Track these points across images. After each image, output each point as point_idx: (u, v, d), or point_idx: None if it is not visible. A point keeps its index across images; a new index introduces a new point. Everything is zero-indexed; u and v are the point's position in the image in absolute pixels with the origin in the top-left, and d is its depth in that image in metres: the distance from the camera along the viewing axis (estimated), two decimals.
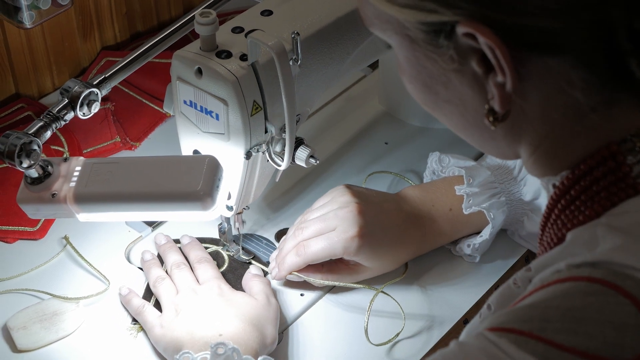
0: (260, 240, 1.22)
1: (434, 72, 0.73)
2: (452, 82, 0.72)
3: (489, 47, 0.67)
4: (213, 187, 0.97)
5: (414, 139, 1.39)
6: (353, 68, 1.17)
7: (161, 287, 1.11)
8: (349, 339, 1.10)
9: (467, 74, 0.71)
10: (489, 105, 0.71)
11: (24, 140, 0.96)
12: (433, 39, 0.70)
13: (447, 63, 0.71)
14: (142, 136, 1.40)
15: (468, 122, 0.75)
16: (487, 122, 0.72)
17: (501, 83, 0.69)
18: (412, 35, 0.71)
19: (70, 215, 1.01)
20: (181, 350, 1.01)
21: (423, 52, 0.72)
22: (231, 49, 1.01)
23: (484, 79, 0.70)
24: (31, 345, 1.08)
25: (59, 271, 1.18)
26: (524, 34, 0.67)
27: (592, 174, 0.71)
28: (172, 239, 1.19)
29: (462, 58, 0.70)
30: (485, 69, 0.69)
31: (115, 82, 1.07)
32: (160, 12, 1.60)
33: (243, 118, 1.00)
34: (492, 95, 0.70)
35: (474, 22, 0.67)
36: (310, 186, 1.31)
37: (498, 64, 0.68)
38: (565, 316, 0.62)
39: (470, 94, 0.72)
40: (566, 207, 0.73)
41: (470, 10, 0.66)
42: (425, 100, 0.77)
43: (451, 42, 0.69)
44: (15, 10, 1.21)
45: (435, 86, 0.74)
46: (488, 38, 0.66)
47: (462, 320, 1.12)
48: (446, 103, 0.75)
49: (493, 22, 0.66)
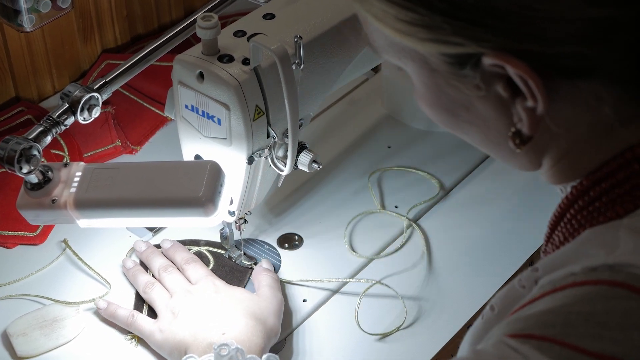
0: (263, 245, 1.21)
1: (456, 98, 0.71)
2: (475, 106, 0.71)
3: (519, 77, 0.65)
4: (215, 193, 0.96)
5: (417, 142, 1.38)
6: (356, 71, 1.16)
7: (153, 292, 1.10)
8: (352, 344, 1.09)
9: (491, 99, 0.69)
10: (516, 128, 0.70)
11: (24, 145, 0.95)
12: (457, 69, 0.68)
13: (471, 90, 0.69)
14: (143, 140, 1.39)
15: (490, 141, 0.74)
16: (512, 146, 0.71)
17: (531, 108, 0.67)
18: (433, 65, 0.69)
19: (70, 221, 1.00)
20: (186, 351, 1.01)
21: (444, 80, 0.70)
22: (233, 53, 1.00)
23: (510, 103, 0.68)
24: (31, 352, 1.07)
25: (59, 276, 1.17)
26: (554, 62, 0.65)
27: (614, 176, 0.70)
28: (153, 245, 1.19)
29: (488, 85, 0.68)
30: (511, 93, 0.68)
31: (116, 87, 1.06)
32: (161, 15, 1.59)
33: (245, 123, 0.99)
34: (520, 118, 0.69)
35: (502, 53, 0.65)
36: (313, 190, 1.30)
37: (529, 91, 0.66)
38: (588, 321, 0.60)
39: (494, 116, 0.71)
40: (584, 207, 0.71)
41: (498, 42, 0.65)
42: (445, 122, 0.75)
43: (477, 72, 0.67)
44: (15, 13, 1.21)
45: (456, 110, 0.72)
46: (518, 69, 0.65)
47: (467, 325, 1.11)
48: (467, 124, 0.73)
49: (521, 52, 0.65)
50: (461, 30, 0.65)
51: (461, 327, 1.11)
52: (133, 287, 1.14)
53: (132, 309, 1.11)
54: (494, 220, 1.25)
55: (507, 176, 1.32)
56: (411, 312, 1.12)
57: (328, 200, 1.28)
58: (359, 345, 1.09)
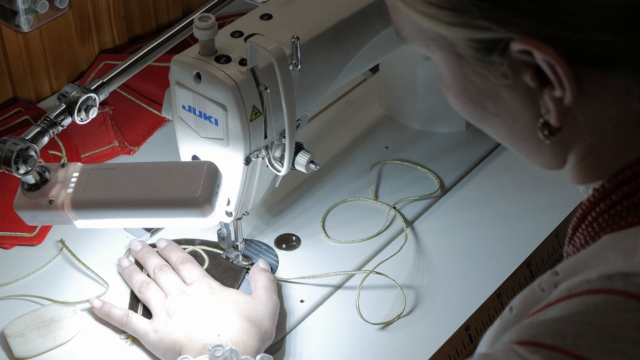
0: (260, 246, 1.21)
1: (483, 88, 0.70)
2: (502, 96, 0.69)
3: (547, 64, 0.64)
4: (212, 194, 0.96)
5: (414, 143, 1.38)
6: (353, 72, 1.16)
7: (148, 292, 1.10)
8: (351, 346, 1.09)
9: (518, 89, 0.68)
10: (544, 119, 0.69)
11: (21, 146, 0.95)
12: (484, 55, 0.67)
13: (498, 79, 0.68)
14: (141, 140, 1.39)
15: (515, 134, 0.72)
16: (541, 136, 0.69)
17: (559, 98, 0.66)
18: (460, 51, 0.68)
19: (67, 221, 1.00)
20: (180, 352, 1.00)
21: (471, 67, 0.69)
22: (230, 53, 1.00)
23: (538, 93, 0.67)
24: (28, 353, 1.07)
25: (57, 277, 1.17)
26: (584, 49, 0.64)
27: (637, 179, 0.68)
28: (148, 244, 1.18)
29: (515, 73, 0.67)
30: (539, 83, 0.66)
31: (114, 87, 1.06)
32: (158, 15, 1.59)
33: (242, 123, 0.99)
34: (547, 109, 0.68)
35: (532, 39, 0.64)
36: (310, 191, 1.30)
37: (557, 80, 0.65)
38: (600, 333, 0.60)
39: (521, 107, 0.69)
40: (605, 211, 0.70)
41: (527, 27, 0.63)
42: (471, 115, 0.74)
43: (505, 59, 0.66)
44: (13, 14, 1.20)
45: (482, 101, 0.71)
46: (547, 55, 0.63)
47: (464, 327, 1.11)
48: (493, 116, 0.72)
49: (551, 38, 0.63)
50: (489, 14, 0.64)
51: (455, 331, 1.11)
52: (128, 286, 1.14)
53: (127, 308, 1.11)
54: (491, 220, 1.25)
55: (505, 177, 1.32)
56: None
57: (326, 201, 1.28)
58: (362, 337, 1.09)
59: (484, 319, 1.14)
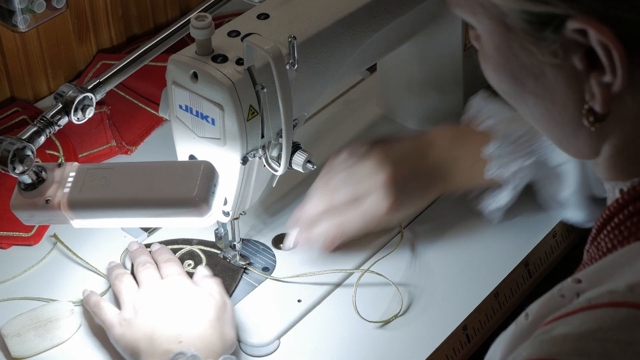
0: (257, 245, 1.21)
1: (527, 64, 0.67)
2: (546, 75, 0.67)
3: (602, 46, 0.61)
4: (209, 193, 0.96)
5: None
6: (351, 71, 1.17)
7: (122, 283, 1.09)
8: (348, 345, 1.09)
9: (564, 69, 0.65)
10: (589, 105, 0.66)
11: (17, 145, 0.95)
12: (537, 30, 0.64)
13: (545, 57, 0.65)
14: (138, 140, 1.39)
15: (552, 117, 0.70)
16: (586, 123, 0.67)
17: (607, 83, 0.63)
18: (510, 23, 0.65)
19: (64, 221, 1.00)
20: (139, 355, 0.99)
21: (519, 41, 0.66)
22: (227, 53, 1.00)
23: (584, 77, 0.65)
24: (25, 353, 1.07)
25: (54, 277, 1.17)
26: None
27: None
28: (145, 245, 1.18)
29: (565, 53, 0.64)
30: (587, 65, 0.64)
31: (111, 87, 1.06)
32: (156, 15, 1.59)
33: (239, 123, 0.99)
34: (593, 94, 0.65)
35: (590, 17, 0.61)
36: (308, 191, 1.30)
37: (610, 64, 0.62)
38: (626, 351, 0.57)
39: (564, 89, 0.66)
40: (634, 214, 0.68)
41: (588, 5, 0.60)
42: (509, 91, 0.71)
43: (557, 36, 0.63)
44: (10, 13, 1.20)
45: (523, 78, 0.68)
46: (605, 36, 0.61)
47: (461, 326, 1.11)
48: (532, 96, 0.69)
49: (612, 19, 0.60)
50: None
51: (453, 330, 1.11)
52: None
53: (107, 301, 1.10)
54: (488, 219, 1.25)
55: None
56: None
57: None
58: (359, 337, 1.09)
59: (482, 318, 1.14)
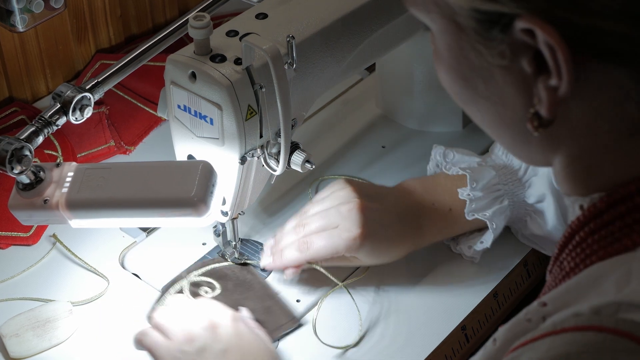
0: (256, 245, 1.21)
1: (477, 65, 0.66)
2: (495, 78, 0.66)
3: (549, 47, 0.61)
4: (207, 193, 0.95)
5: (411, 142, 1.38)
6: (350, 71, 1.16)
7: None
8: (346, 344, 1.09)
9: (513, 72, 0.65)
10: (535, 109, 0.65)
11: (15, 145, 0.95)
12: (485, 30, 0.64)
13: (494, 58, 0.65)
14: (137, 140, 1.39)
15: (503, 122, 0.69)
16: (530, 127, 0.66)
17: (554, 87, 0.63)
18: (462, 22, 0.65)
19: (62, 221, 1.00)
20: None
21: (469, 42, 0.65)
22: (225, 52, 0.99)
23: (532, 80, 0.64)
24: (24, 353, 1.07)
25: (52, 277, 1.17)
26: (592, 38, 0.60)
27: (632, 200, 0.64)
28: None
29: (513, 55, 0.63)
30: (535, 68, 0.63)
31: (109, 86, 1.06)
32: (155, 15, 1.59)
33: (237, 123, 0.99)
34: (540, 98, 0.64)
35: (538, 18, 0.60)
36: (306, 190, 1.30)
37: (556, 67, 0.61)
38: None
39: (513, 93, 0.66)
40: (595, 231, 0.67)
41: (536, 5, 0.60)
42: (460, 94, 0.71)
43: (505, 36, 0.63)
44: (8, 13, 1.20)
45: (474, 80, 0.68)
46: (551, 37, 0.60)
47: (460, 326, 1.11)
48: (483, 99, 0.69)
49: (559, 21, 0.60)
50: None
51: (452, 330, 1.11)
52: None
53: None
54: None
55: None
56: (403, 312, 1.13)
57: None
58: (358, 335, 1.09)
59: (481, 318, 1.14)
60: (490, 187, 1.13)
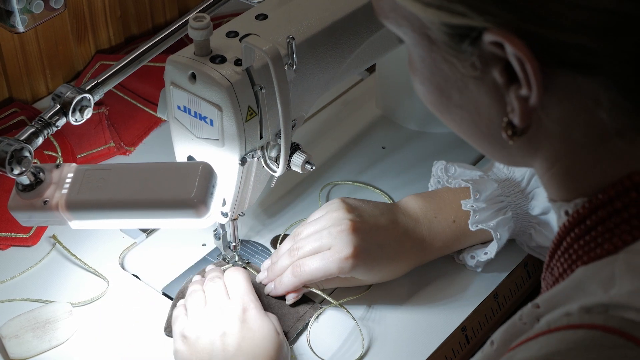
0: (256, 246, 1.21)
1: (450, 76, 0.68)
2: (469, 88, 0.68)
3: (517, 59, 0.62)
4: (207, 194, 0.95)
5: (411, 143, 1.38)
6: (350, 72, 1.16)
7: (191, 298, 1.08)
8: (346, 343, 1.09)
9: (486, 82, 0.66)
10: (508, 118, 0.67)
11: (15, 146, 0.94)
12: (456, 43, 0.65)
13: (466, 69, 0.66)
14: (137, 141, 1.39)
15: (480, 130, 0.71)
16: (505, 136, 0.68)
17: (525, 97, 0.64)
18: (433, 35, 0.66)
19: (62, 222, 0.99)
20: None
21: (441, 54, 0.67)
22: (225, 53, 0.99)
23: (505, 90, 0.66)
24: (24, 355, 1.07)
25: (52, 278, 1.17)
26: (558, 50, 0.62)
27: (612, 204, 0.66)
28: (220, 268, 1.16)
29: (484, 66, 0.65)
30: (507, 79, 0.65)
31: (109, 87, 1.06)
32: (155, 15, 1.59)
33: (237, 124, 0.99)
34: (512, 108, 0.66)
35: (505, 31, 0.62)
36: (307, 192, 1.30)
37: (525, 78, 0.63)
38: None
39: (487, 102, 0.68)
40: (580, 237, 0.68)
41: (503, 18, 0.62)
42: (436, 104, 0.72)
43: (475, 49, 0.64)
44: (8, 14, 1.20)
45: (449, 90, 0.69)
46: (519, 50, 0.62)
47: (460, 327, 1.11)
48: (458, 108, 0.70)
49: (526, 34, 0.62)
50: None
51: (451, 332, 1.11)
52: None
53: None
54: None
55: None
56: (402, 314, 1.12)
57: (322, 202, 1.28)
58: (358, 336, 1.09)
59: (481, 319, 1.14)
60: (493, 199, 1.13)
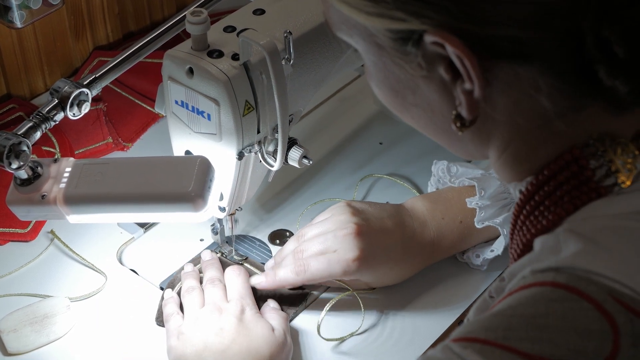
0: (254, 241, 1.21)
1: (402, 78, 0.72)
2: (420, 87, 0.72)
3: (457, 56, 0.66)
4: (204, 188, 0.96)
5: (408, 139, 1.38)
6: (347, 67, 1.17)
7: (189, 296, 1.08)
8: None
9: (434, 80, 0.71)
10: (457, 111, 0.71)
11: (13, 141, 0.95)
12: (400, 46, 0.69)
13: (414, 70, 0.71)
14: (135, 137, 1.39)
15: (436, 125, 0.75)
16: (454, 128, 0.72)
17: (469, 90, 0.69)
18: (380, 41, 0.71)
19: (60, 216, 1.00)
20: None
21: (390, 58, 0.71)
22: (223, 48, 1.00)
23: (452, 86, 0.70)
24: (22, 349, 1.07)
25: (50, 273, 1.17)
26: (492, 44, 0.66)
27: (555, 178, 0.71)
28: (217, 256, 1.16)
29: (430, 65, 0.69)
30: (452, 75, 0.69)
31: (106, 82, 1.06)
32: (152, 12, 1.59)
33: (235, 118, 0.99)
34: (460, 101, 0.70)
35: (442, 31, 0.66)
36: (304, 187, 1.30)
37: (466, 73, 0.67)
38: (529, 324, 0.62)
39: (438, 99, 0.72)
40: (531, 212, 0.73)
41: (439, 20, 0.66)
42: (393, 104, 0.77)
43: (419, 50, 0.69)
44: (6, 9, 1.20)
45: (402, 91, 0.74)
46: (456, 47, 0.66)
47: (458, 321, 1.11)
48: (414, 107, 0.75)
49: (461, 32, 0.66)
50: (403, 5, 0.66)
51: (446, 329, 1.11)
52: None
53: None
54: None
55: None
56: (396, 311, 1.13)
57: (319, 197, 1.28)
58: (356, 330, 1.09)
59: None
60: (498, 196, 1.13)
